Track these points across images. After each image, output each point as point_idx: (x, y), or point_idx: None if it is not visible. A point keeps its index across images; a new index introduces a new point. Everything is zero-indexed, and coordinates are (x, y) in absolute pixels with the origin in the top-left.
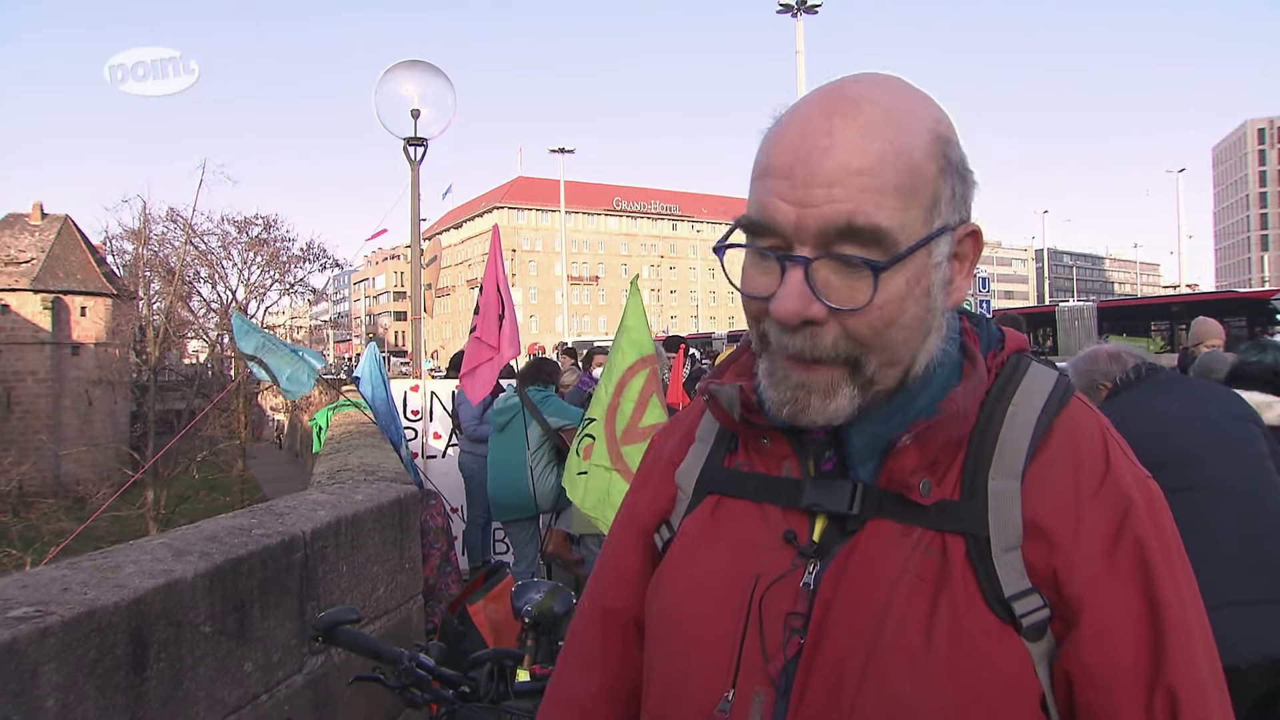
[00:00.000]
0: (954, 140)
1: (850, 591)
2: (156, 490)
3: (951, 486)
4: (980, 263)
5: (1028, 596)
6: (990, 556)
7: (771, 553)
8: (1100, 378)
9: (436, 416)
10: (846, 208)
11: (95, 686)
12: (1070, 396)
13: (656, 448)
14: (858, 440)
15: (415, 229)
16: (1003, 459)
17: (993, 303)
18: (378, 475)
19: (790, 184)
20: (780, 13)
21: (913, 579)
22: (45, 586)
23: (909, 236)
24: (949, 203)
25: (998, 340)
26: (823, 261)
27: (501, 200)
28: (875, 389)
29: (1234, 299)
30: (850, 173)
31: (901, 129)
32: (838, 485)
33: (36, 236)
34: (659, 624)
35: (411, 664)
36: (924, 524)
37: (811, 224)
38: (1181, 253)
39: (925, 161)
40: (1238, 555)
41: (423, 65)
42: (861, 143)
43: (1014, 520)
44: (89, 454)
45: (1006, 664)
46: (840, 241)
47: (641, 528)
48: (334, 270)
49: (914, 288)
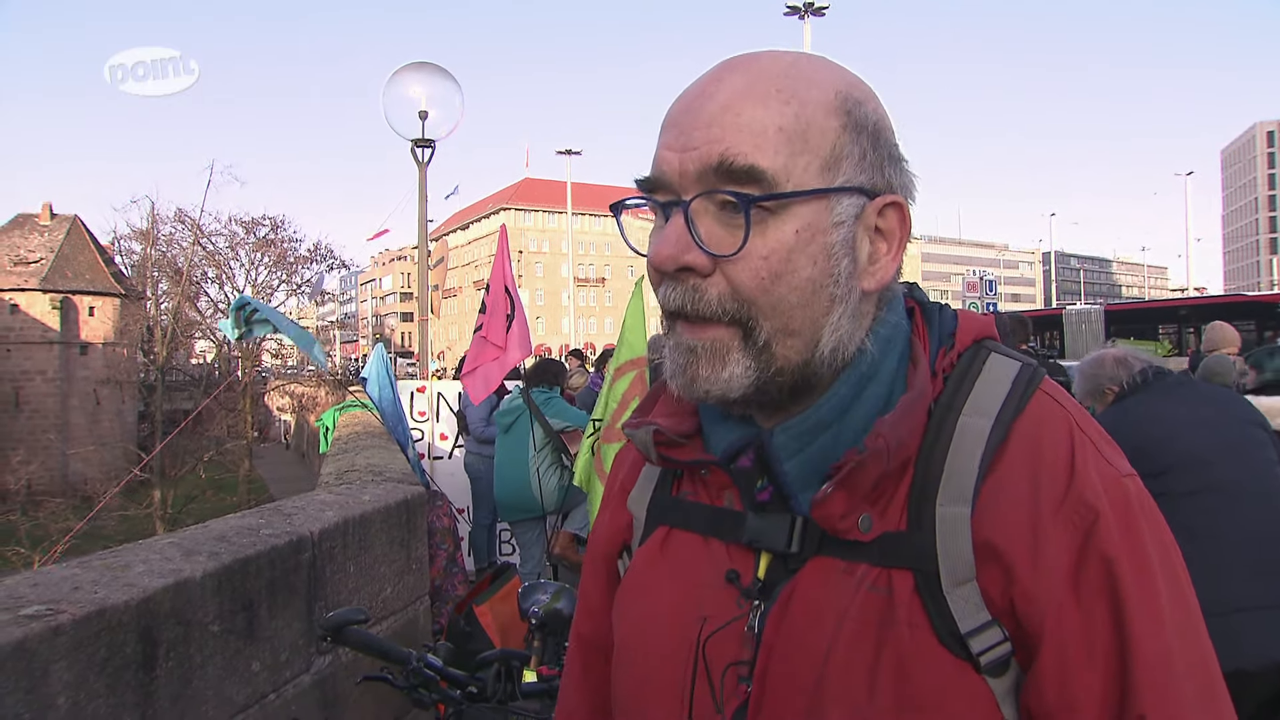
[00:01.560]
0: (867, 104)
1: (791, 638)
2: (163, 490)
3: (897, 516)
4: (987, 265)
5: (986, 630)
6: (941, 591)
7: (717, 592)
8: (1107, 382)
9: (443, 417)
10: (721, 146)
11: (105, 684)
12: (1033, 392)
13: (615, 467)
14: (789, 468)
15: (422, 230)
16: (951, 481)
17: (1000, 306)
18: (385, 476)
19: (677, 131)
20: (788, 15)
21: (855, 623)
22: (56, 585)
23: (796, 182)
24: (857, 164)
25: (949, 335)
26: (705, 209)
27: (508, 201)
28: (775, 364)
29: (1243, 302)
30: (730, 113)
31: (796, 79)
32: (777, 520)
33: (46, 237)
34: (617, 661)
35: (419, 664)
36: (868, 560)
37: (691, 166)
38: (1190, 256)
39: (821, 113)
40: (1244, 559)
41: (430, 67)
42: (746, 87)
43: (964, 550)
44: (97, 453)
45: (962, 706)
46: (717, 181)
47: (603, 554)
48: (341, 271)
49: (806, 243)
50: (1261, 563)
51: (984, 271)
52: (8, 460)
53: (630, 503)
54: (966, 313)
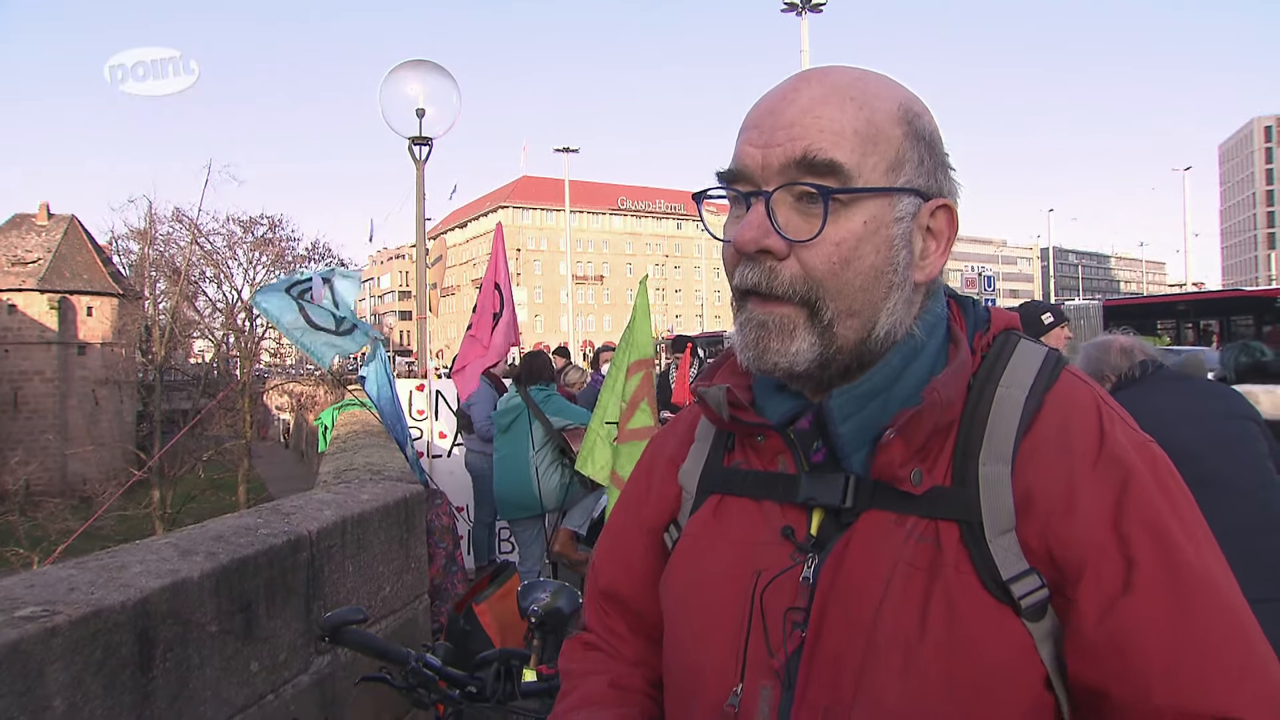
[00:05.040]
0: (925, 117)
1: (847, 584)
2: (162, 490)
3: (943, 473)
4: (986, 261)
5: (1026, 577)
6: (985, 540)
7: (772, 548)
8: (1109, 369)
9: (442, 416)
10: (803, 143)
11: (102, 686)
12: (1060, 371)
13: (656, 446)
14: (845, 430)
15: (420, 228)
16: (992, 442)
17: (998, 301)
18: (384, 475)
19: (759, 131)
20: (785, 11)
21: (907, 568)
22: (52, 586)
23: (866, 179)
24: (916, 168)
25: (984, 321)
26: (784, 200)
27: (506, 199)
28: (836, 342)
29: (1240, 297)
30: (811, 115)
31: (865, 91)
32: (831, 478)
33: (43, 237)
34: (671, 621)
35: (418, 664)
36: (917, 512)
37: (774, 160)
38: (1188, 251)
39: (888, 122)
40: (1235, 554)
41: (427, 65)
42: (824, 94)
43: (1005, 503)
44: (95, 454)
45: (1004, 646)
46: (799, 174)
47: (649, 527)
48: (339, 270)
49: (872, 234)
50: (1250, 557)
51: (983, 267)
52: (6, 461)
53: (682, 475)
54: (995, 307)
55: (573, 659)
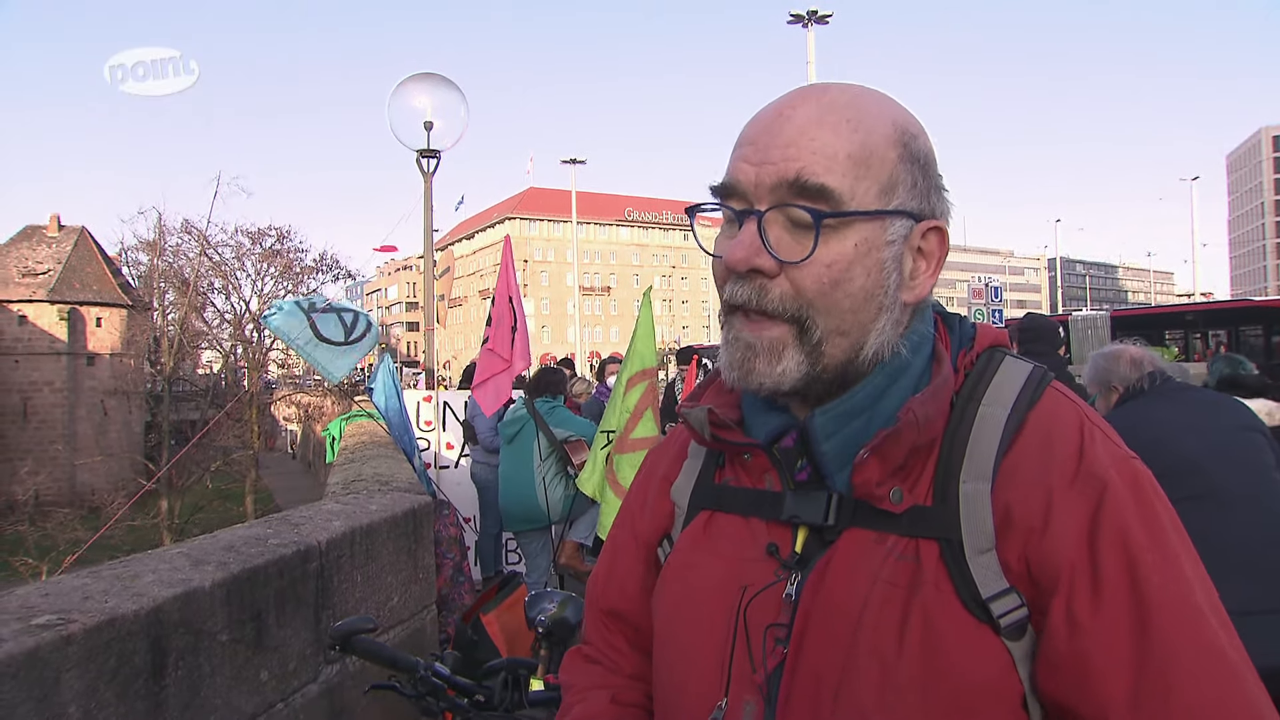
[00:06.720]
0: (920, 138)
1: (827, 601)
2: (171, 500)
3: (925, 492)
4: (993, 271)
5: (1005, 596)
6: (965, 559)
7: (758, 565)
8: (1117, 380)
9: (449, 427)
10: (797, 165)
11: (115, 694)
12: (1044, 388)
13: (652, 462)
14: (827, 448)
15: (428, 240)
16: (973, 461)
17: (1005, 312)
18: (392, 485)
19: (754, 148)
20: (791, 23)
21: (886, 586)
22: (67, 595)
23: (859, 203)
24: (909, 190)
25: (969, 339)
26: (776, 220)
27: (513, 211)
28: (824, 360)
29: (1249, 307)
30: (806, 136)
31: (861, 112)
32: (814, 496)
33: (53, 248)
34: (660, 635)
35: (427, 673)
36: (897, 531)
37: (767, 179)
38: (1196, 261)
39: (883, 144)
40: (1235, 564)
41: (435, 78)
42: (820, 114)
43: (985, 522)
44: (104, 464)
45: (983, 664)
46: (791, 195)
47: (643, 541)
48: (346, 281)
49: (863, 256)
50: (1254, 567)
51: (990, 278)
52: (15, 471)
53: (674, 492)
54: (982, 323)
55: (573, 672)
